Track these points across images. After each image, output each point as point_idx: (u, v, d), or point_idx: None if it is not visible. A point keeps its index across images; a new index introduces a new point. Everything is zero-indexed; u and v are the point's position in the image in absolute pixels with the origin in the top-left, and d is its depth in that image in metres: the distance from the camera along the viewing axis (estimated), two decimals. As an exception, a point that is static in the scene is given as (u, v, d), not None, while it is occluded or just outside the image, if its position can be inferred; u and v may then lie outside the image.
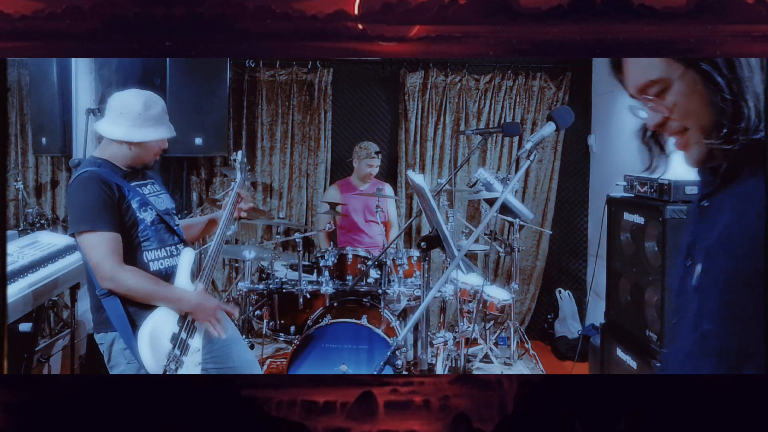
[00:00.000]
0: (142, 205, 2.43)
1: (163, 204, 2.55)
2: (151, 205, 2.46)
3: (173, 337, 2.35)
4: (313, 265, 4.10)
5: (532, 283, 5.50)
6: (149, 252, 2.43)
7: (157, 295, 2.36)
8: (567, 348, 5.05)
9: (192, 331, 2.43)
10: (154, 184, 2.60)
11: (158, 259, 2.46)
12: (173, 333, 2.36)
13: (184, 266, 2.50)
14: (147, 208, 2.44)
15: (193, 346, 2.41)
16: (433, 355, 3.83)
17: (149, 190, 2.54)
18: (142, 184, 2.52)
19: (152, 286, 2.35)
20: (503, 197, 2.07)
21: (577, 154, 5.49)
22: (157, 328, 2.34)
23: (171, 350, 2.32)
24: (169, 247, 2.50)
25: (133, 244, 2.40)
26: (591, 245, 5.45)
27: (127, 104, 2.44)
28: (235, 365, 2.64)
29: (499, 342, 4.98)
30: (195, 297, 2.43)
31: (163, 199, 2.58)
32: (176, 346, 2.34)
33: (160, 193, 2.59)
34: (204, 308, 2.43)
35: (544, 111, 5.30)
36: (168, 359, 2.30)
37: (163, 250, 2.47)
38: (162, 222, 2.48)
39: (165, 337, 2.34)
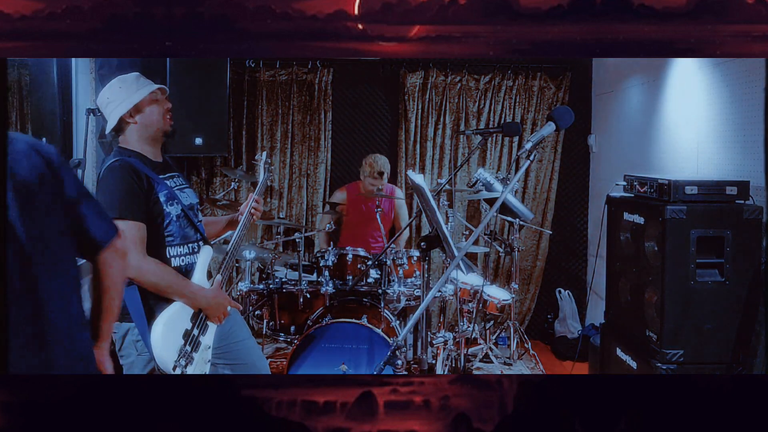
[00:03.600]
0: (169, 199, 2.44)
1: (187, 199, 2.56)
2: (177, 199, 2.48)
3: (185, 333, 2.38)
4: (313, 265, 4.10)
5: (532, 283, 5.50)
6: (172, 248, 2.46)
7: (176, 289, 2.38)
8: (567, 348, 5.05)
9: (204, 329, 2.45)
10: (179, 177, 2.61)
11: (180, 256, 2.49)
12: (186, 329, 2.38)
13: (201, 264, 2.53)
14: (173, 202, 2.46)
15: (204, 344, 2.44)
16: (433, 355, 3.83)
17: (174, 183, 2.54)
18: (168, 177, 2.53)
19: (172, 278, 2.38)
20: (503, 197, 2.07)
21: (577, 154, 5.49)
22: (171, 323, 2.35)
23: (182, 346, 2.35)
24: (191, 244, 2.53)
25: (158, 237, 2.42)
26: (591, 245, 5.45)
27: (107, 91, 2.47)
28: (246, 363, 2.67)
29: (499, 342, 4.98)
30: (210, 293, 2.47)
31: (187, 193, 2.59)
32: (188, 342, 2.37)
33: (184, 187, 2.60)
34: (217, 305, 2.47)
35: (544, 111, 5.30)
36: (179, 355, 2.33)
37: (185, 247, 2.50)
38: (186, 217, 2.50)
39: (178, 333, 2.36)
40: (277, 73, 5.33)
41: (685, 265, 2.86)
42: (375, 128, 5.52)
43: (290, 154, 5.41)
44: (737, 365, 2.81)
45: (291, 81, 5.32)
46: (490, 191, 4.28)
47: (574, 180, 5.50)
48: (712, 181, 2.93)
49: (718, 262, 2.87)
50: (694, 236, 2.85)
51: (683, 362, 2.87)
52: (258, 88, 5.33)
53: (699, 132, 3.56)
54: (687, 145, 3.71)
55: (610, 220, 3.52)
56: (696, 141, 3.59)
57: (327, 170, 5.42)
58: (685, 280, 2.86)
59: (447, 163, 5.33)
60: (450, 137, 5.34)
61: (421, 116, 5.35)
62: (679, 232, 2.86)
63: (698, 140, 3.57)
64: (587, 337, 4.29)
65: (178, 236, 2.46)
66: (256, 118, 5.36)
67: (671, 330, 2.87)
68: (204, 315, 2.46)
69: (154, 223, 2.39)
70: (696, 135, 3.59)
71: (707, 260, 2.87)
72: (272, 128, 5.38)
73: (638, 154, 4.37)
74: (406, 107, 5.34)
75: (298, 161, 5.42)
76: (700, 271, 2.87)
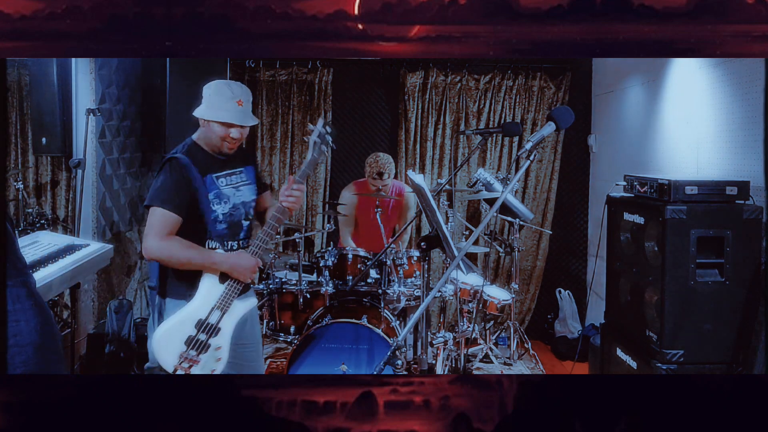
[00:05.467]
0: (217, 197, 2.54)
1: (241, 197, 2.65)
2: (227, 198, 2.58)
3: (188, 339, 2.45)
4: (313, 265, 4.09)
5: (532, 283, 5.50)
6: (212, 241, 2.56)
7: (197, 262, 2.49)
8: (567, 348, 5.05)
9: (214, 332, 2.49)
10: (242, 173, 2.67)
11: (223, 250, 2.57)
12: (189, 335, 2.46)
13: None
14: (221, 201, 2.56)
15: (215, 344, 2.48)
16: (433, 355, 3.82)
17: (232, 180, 2.63)
18: (229, 173, 2.62)
19: (192, 254, 2.48)
20: (503, 197, 2.07)
21: (577, 154, 5.48)
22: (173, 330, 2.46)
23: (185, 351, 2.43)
24: (233, 242, 2.61)
25: (202, 233, 2.54)
26: (591, 245, 5.44)
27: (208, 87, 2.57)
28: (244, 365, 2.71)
29: (499, 342, 4.98)
30: (232, 257, 2.54)
31: (243, 191, 2.66)
32: (192, 347, 2.44)
33: (242, 184, 2.67)
34: (240, 266, 2.52)
35: (544, 111, 5.30)
36: (180, 360, 2.42)
37: (228, 244, 2.59)
38: (232, 216, 2.59)
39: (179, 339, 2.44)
40: (277, 73, 5.33)
41: (685, 265, 2.86)
42: (375, 128, 5.52)
43: (290, 154, 5.41)
44: (737, 365, 2.81)
45: (291, 81, 5.32)
46: (490, 191, 4.28)
47: (574, 180, 5.50)
48: (712, 181, 2.93)
49: (718, 262, 2.87)
50: (694, 236, 2.85)
51: (683, 362, 2.87)
52: (258, 88, 5.33)
53: (699, 132, 3.55)
54: (687, 145, 3.71)
55: (610, 220, 3.52)
56: (696, 141, 3.59)
57: (327, 170, 5.42)
58: (685, 280, 2.86)
59: (447, 163, 5.33)
60: (450, 137, 5.34)
61: (421, 116, 5.35)
62: (679, 232, 2.86)
63: (698, 140, 3.56)
64: (587, 337, 4.29)
65: (222, 233, 2.57)
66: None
67: (671, 330, 2.87)
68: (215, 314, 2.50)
69: (199, 220, 2.52)
70: (696, 135, 3.59)
71: (707, 260, 2.87)
72: (272, 128, 5.38)
73: (638, 154, 4.37)
74: (406, 107, 5.34)
75: (298, 161, 5.42)
76: (700, 271, 2.87)
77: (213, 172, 2.57)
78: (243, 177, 2.68)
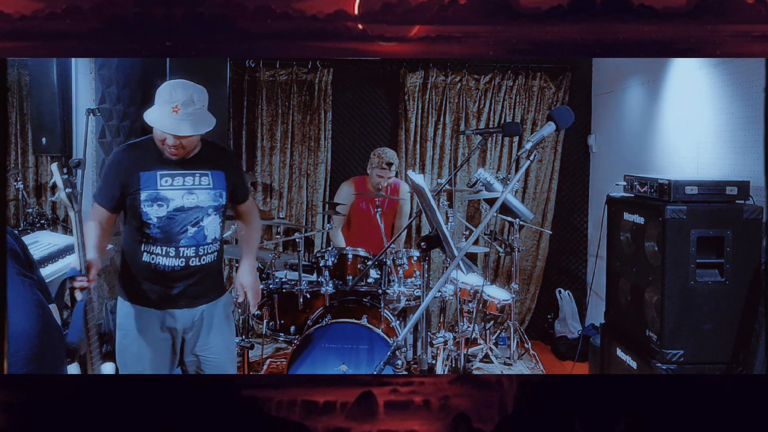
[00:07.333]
0: (152, 200, 2.44)
1: (193, 201, 2.48)
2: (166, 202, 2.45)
3: None
4: (313, 265, 4.09)
5: (532, 283, 5.50)
6: (147, 245, 2.49)
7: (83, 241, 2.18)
8: (567, 348, 5.05)
9: None
10: (204, 176, 2.52)
11: (153, 254, 2.50)
12: None
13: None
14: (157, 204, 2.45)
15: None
16: (433, 355, 3.82)
17: (185, 182, 2.49)
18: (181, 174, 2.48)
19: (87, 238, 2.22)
20: (503, 197, 2.06)
21: (577, 154, 5.49)
22: None
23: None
24: (170, 248, 2.48)
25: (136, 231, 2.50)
26: (591, 245, 5.44)
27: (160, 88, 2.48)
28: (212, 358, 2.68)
29: (499, 342, 4.98)
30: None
31: (197, 195, 2.49)
32: None
33: (199, 188, 2.51)
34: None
35: (544, 111, 5.30)
36: None
37: (160, 248, 2.48)
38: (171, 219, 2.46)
39: None
40: (277, 73, 5.33)
41: (685, 265, 2.86)
42: (375, 128, 5.52)
43: (290, 154, 5.41)
44: (737, 365, 2.81)
45: (291, 81, 5.32)
46: (490, 191, 4.28)
47: (574, 180, 5.50)
48: (712, 181, 2.93)
49: (718, 262, 2.87)
50: (694, 236, 2.85)
51: (683, 362, 2.87)
52: (258, 88, 5.33)
53: (699, 132, 3.55)
54: (687, 145, 3.71)
55: (610, 220, 3.52)
56: (696, 141, 3.59)
57: (327, 170, 5.42)
58: (685, 280, 2.86)
59: (447, 163, 5.33)
60: (450, 137, 5.34)
61: (421, 116, 5.35)
62: (679, 232, 2.86)
63: (698, 140, 3.56)
64: (587, 337, 4.29)
65: (157, 236, 2.47)
66: (256, 118, 5.36)
67: (671, 330, 2.87)
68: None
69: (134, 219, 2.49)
70: (696, 135, 3.59)
71: (707, 260, 2.87)
72: (272, 128, 5.38)
73: (638, 154, 4.37)
74: (406, 107, 5.34)
75: (298, 161, 5.42)
76: (700, 271, 2.87)
77: (162, 169, 2.46)
78: (203, 180, 2.53)
